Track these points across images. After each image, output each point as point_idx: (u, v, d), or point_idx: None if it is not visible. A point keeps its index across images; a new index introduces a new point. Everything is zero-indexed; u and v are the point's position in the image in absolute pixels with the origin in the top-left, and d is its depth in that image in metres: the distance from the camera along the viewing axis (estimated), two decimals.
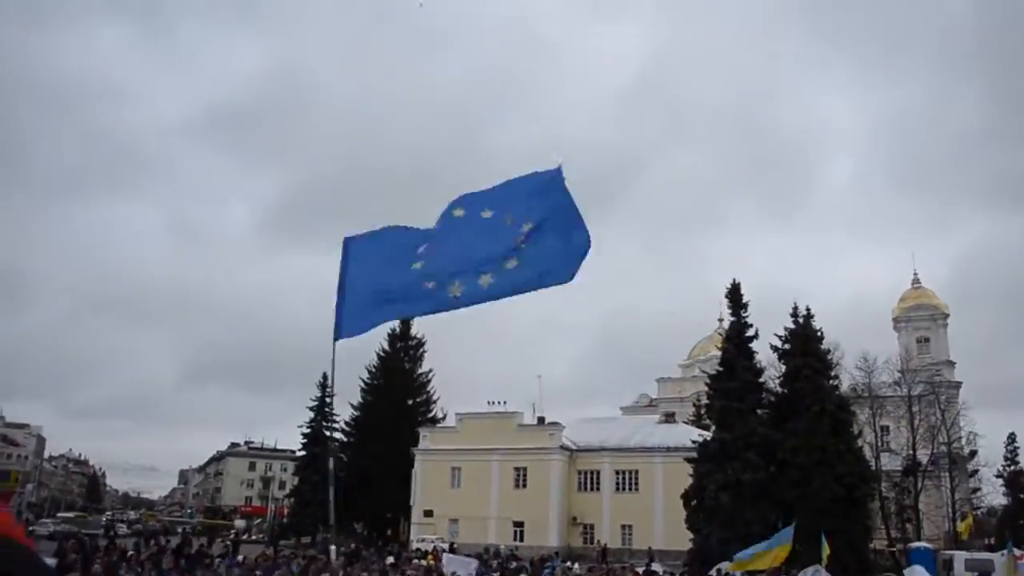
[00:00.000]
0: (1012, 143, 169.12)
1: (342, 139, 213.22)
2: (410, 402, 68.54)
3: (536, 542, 52.41)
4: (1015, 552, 25.54)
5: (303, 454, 70.97)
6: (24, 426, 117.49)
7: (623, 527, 57.74)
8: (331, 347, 7.07)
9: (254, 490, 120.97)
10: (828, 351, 43.81)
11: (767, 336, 44.05)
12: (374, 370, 69.56)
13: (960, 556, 33.38)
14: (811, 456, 38.35)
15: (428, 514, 60.18)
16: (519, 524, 58.60)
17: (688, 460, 44.15)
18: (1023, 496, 57.13)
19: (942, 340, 74.90)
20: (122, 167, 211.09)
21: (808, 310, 43.70)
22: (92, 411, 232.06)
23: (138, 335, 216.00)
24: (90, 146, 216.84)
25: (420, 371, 71.04)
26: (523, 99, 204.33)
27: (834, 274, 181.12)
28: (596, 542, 56.74)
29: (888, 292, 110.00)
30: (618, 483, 60.08)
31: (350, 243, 7.47)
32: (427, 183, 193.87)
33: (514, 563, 31.46)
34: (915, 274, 79.63)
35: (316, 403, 68.49)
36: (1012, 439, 60.95)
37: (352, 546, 37.04)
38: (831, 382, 42.92)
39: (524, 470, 60.36)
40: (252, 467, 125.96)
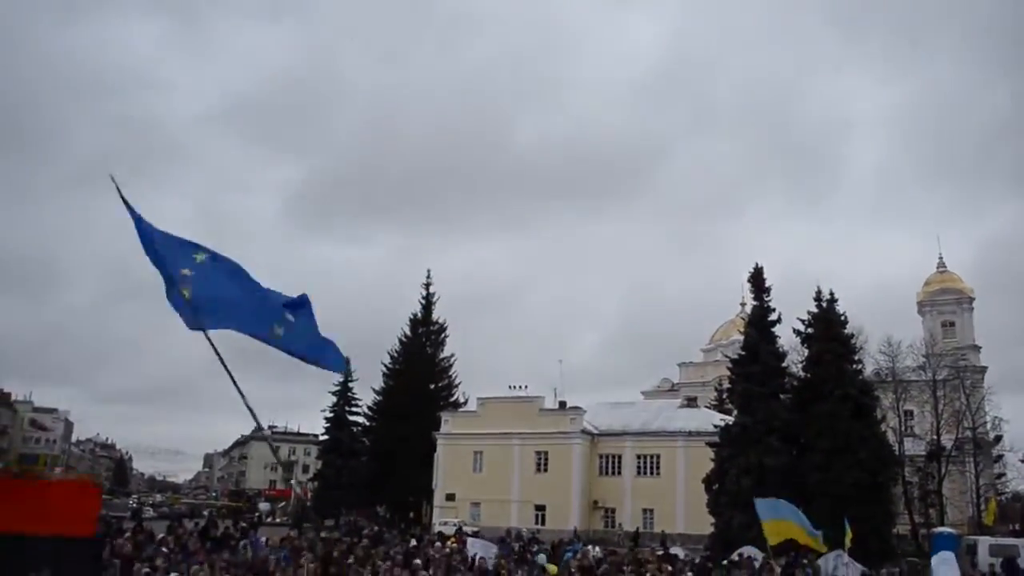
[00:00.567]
0: None
1: (366, 129, 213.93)
2: (432, 387, 68.83)
3: (557, 525, 52.58)
4: None
5: (326, 438, 71.56)
6: (52, 411, 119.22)
7: (644, 511, 57.75)
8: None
9: (278, 474, 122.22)
10: (852, 335, 43.41)
11: (790, 321, 43.81)
12: (396, 355, 69.90)
13: (984, 541, 33.12)
14: (834, 441, 38.11)
15: (450, 498, 60.60)
16: (540, 508, 58.84)
17: (710, 444, 44.06)
18: None
19: (967, 324, 74.06)
20: (151, 156, 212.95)
21: (832, 294, 43.35)
22: (119, 396, 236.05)
23: (164, 322, 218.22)
24: (119, 135, 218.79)
25: (442, 356, 71.27)
26: (547, 88, 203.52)
27: (859, 259, 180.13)
28: (618, 526, 56.89)
29: (913, 277, 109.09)
30: (639, 467, 60.09)
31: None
32: (450, 173, 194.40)
33: (535, 546, 31.59)
34: (940, 258, 78.73)
35: (339, 388, 68.99)
36: None
37: (375, 529, 37.31)
38: (854, 366, 42.53)
39: (545, 454, 60.53)
40: (276, 451, 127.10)
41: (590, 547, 30.46)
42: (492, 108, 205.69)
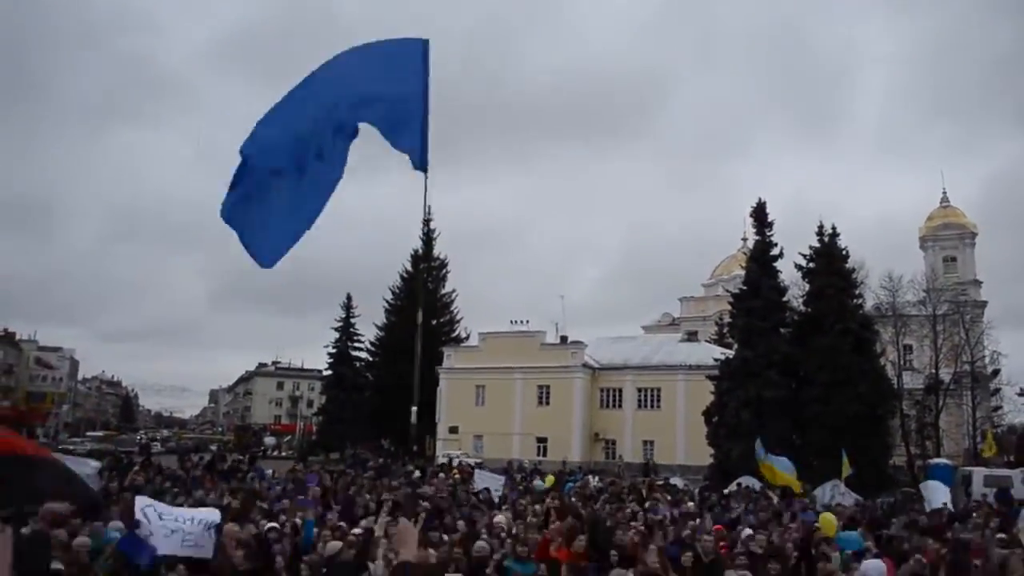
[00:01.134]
0: None
1: None
2: (434, 322, 69.10)
3: (559, 457, 53.40)
4: None
5: (329, 373, 72.20)
6: (57, 349, 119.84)
7: (645, 443, 58.62)
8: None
9: (283, 409, 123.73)
10: (853, 270, 43.40)
11: (792, 256, 43.78)
12: (397, 291, 70.08)
13: (979, 472, 33.53)
14: (833, 374, 38.42)
15: (453, 431, 61.39)
16: (542, 440, 59.70)
17: (710, 378, 44.46)
18: None
19: (969, 260, 73.86)
20: (150, 95, 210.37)
21: (834, 229, 43.22)
22: (123, 335, 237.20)
23: (168, 260, 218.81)
24: (117, 74, 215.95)
25: (443, 291, 71.47)
26: (550, 20, 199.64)
27: (862, 195, 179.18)
28: (619, 457, 57.75)
29: (916, 212, 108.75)
30: (640, 400, 60.77)
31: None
32: (453, 106, 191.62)
33: (537, 477, 32.07)
34: (944, 193, 78.07)
35: (341, 324, 69.32)
36: None
37: (380, 461, 37.95)
38: (855, 301, 42.62)
39: (547, 388, 61.15)
40: (280, 387, 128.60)
41: (590, 477, 30.98)
42: (496, 40, 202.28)
